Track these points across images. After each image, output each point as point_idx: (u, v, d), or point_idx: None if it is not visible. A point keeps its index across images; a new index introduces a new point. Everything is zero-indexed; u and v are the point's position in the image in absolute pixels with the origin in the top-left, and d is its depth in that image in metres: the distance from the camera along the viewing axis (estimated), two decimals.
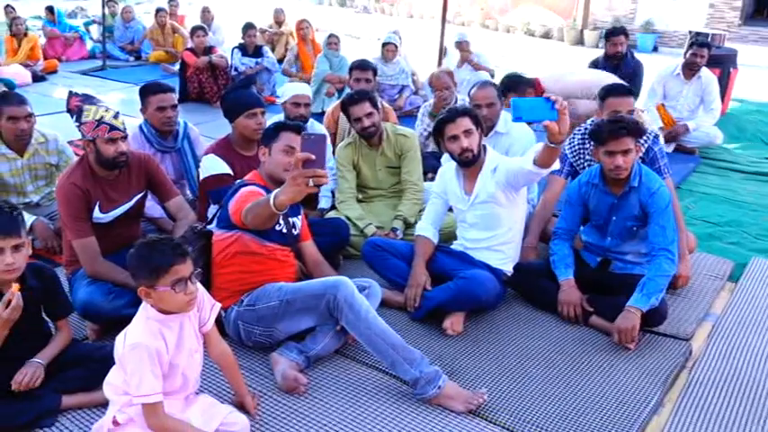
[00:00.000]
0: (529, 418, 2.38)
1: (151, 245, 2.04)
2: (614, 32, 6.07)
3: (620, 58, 6.03)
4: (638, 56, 6.38)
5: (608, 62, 6.14)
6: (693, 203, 4.70)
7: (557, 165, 2.83)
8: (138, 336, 2.01)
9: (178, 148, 3.82)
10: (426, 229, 3.22)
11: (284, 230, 2.74)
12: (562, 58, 10.90)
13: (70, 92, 2.82)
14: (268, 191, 2.56)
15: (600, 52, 6.37)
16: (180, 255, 2.03)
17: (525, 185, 3.06)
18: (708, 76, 5.82)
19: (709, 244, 4.00)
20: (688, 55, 5.76)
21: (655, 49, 12.30)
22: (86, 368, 2.41)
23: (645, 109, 5.93)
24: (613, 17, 13.08)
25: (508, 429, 2.33)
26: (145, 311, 2.06)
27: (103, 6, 10.03)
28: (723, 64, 6.66)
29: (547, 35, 14.31)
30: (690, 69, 5.77)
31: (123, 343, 2.03)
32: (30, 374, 2.25)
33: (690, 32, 8.14)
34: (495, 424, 2.35)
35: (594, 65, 6.30)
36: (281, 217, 2.64)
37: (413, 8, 17.72)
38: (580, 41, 13.02)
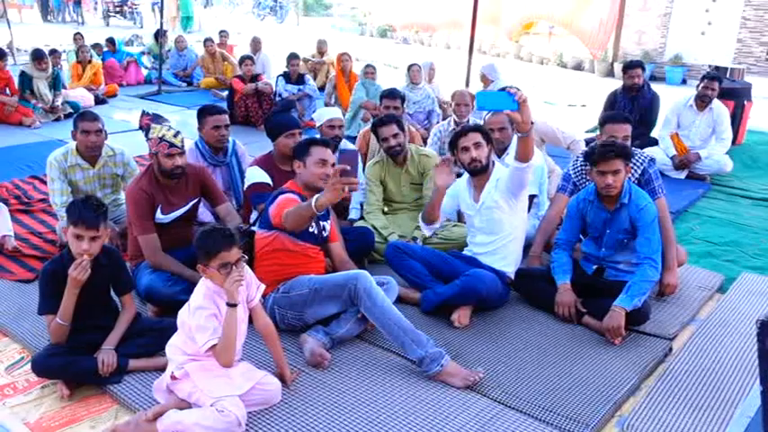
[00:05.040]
0: (518, 394, 2.75)
1: (208, 232, 2.50)
2: (631, 65, 6.43)
3: (637, 90, 6.37)
4: (667, 88, 6.67)
5: (626, 94, 6.48)
6: (698, 225, 4.98)
7: (539, 159, 3.16)
8: (199, 301, 2.50)
9: (227, 163, 4.32)
10: None
11: (315, 232, 3.19)
12: (592, 89, 11.23)
13: (143, 111, 3.34)
14: (302, 197, 3.06)
15: None
16: (228, 243, 2.46)
17: (519, 187, 3.37)
18: (719, 107, 6.10)
19: (706, 261, 4.27)
20: (700, 88, 6.06)
21: (683, 82, 12.55)
22: (148, 338, 2.89)
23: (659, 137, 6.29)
24: (643, 51, 13.40)
25: (499, 402, 2.70)
26: (204, 283, 2.54)
27: (158, 39, 10.81)
28: (738, 97, 6.95)
29: (578, 67, 14.70)
30: (702, 101, 6.07)
31: (188, 309, 2.51)
32: (107, 362, 2.71)
33: (709, 66, 8.45)
34: (487, 398, 2.73)
35: (613, 96, 6.65)
36: (314, 221, 3.13)
37: (450, 40, 18.30)
38: (610, 73, 13.37)
